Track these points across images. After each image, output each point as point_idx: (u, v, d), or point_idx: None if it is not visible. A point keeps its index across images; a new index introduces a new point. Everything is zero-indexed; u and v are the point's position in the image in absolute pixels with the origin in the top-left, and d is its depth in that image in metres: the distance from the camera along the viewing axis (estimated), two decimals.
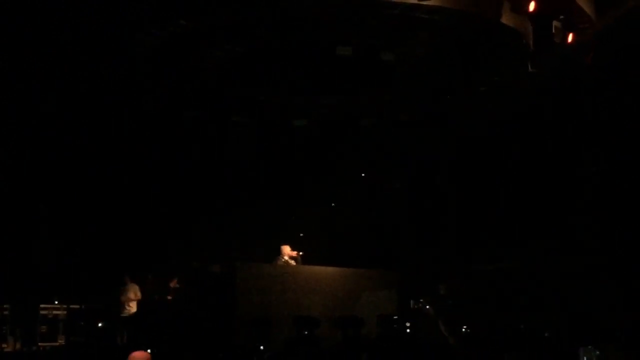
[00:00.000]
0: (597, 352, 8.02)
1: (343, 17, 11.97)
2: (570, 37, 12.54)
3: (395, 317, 13.70)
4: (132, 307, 15.61)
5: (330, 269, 14.51)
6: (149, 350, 12.22)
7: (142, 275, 16.08)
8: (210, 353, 11.77)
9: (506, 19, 12.00)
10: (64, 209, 16.71)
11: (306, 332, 12.10)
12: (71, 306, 16.09)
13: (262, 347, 12.06)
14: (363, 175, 19.01)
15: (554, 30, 12.20)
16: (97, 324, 15.76)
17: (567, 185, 15.74)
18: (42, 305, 15.92)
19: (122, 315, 15.62)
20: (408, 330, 13.63)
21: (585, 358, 8.10)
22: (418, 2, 11.11)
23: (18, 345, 15.26)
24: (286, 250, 14.37)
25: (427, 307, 15.66)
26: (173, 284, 15.71)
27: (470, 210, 17.26)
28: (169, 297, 15.28)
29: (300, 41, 12.96)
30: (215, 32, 12.40)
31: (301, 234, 17.69)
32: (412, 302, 15.84)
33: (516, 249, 16.00)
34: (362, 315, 13.17)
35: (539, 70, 13.22)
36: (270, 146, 17.10)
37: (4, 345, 14.95)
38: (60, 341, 15.81)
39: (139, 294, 15.70)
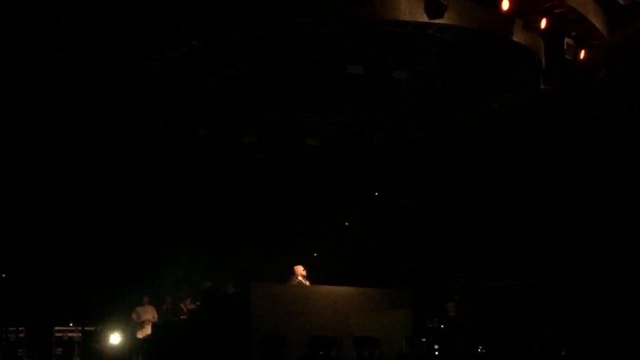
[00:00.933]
0: None
1: (354, 35, 12.02)
2: (582, 54, 12.55)
3: (424, 340, 13.63)
4: (148, 329, 15.61)
5: (344, 289, 14.44)
6: None
7: (158, 298, 16.09)
8: None
9: (518, 36, 12.02)
10: (78, 230, 16.77)
11: (321, 352, 12.02)
12: (86, 328, 16.11)
13: None
14: (376, 194, 19.01)
15: (565, 47, 12.21)
16: (112, 346, 15.74)
17: (577, 202, 15.70)
18: (57, 328, 15.95)
19: (138, 336, 15.61)
20: (437, 353, 13.55)
21: None
22: (429, 21, 11.16)
23: None
24: (299, 270, 14.34)
25: (442, 326, 15.57)
26: (186, 305, 15.70)
27: (482, 228, 17.21)
28: (183, 318, 15.27)
29: (310, 59, 13.02)
30: (225, 51, 12.47)
31: (315, 254, 17.69)
32: (427, 321, 15.76)
33: (528, 266, 15.95)
34: (377, 335, 13.09)
35: (551, 87, 13.23)
36: (283, 165, 17.14)
37: None
38: None
39: (156, 316, 15.71)
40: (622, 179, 14.97)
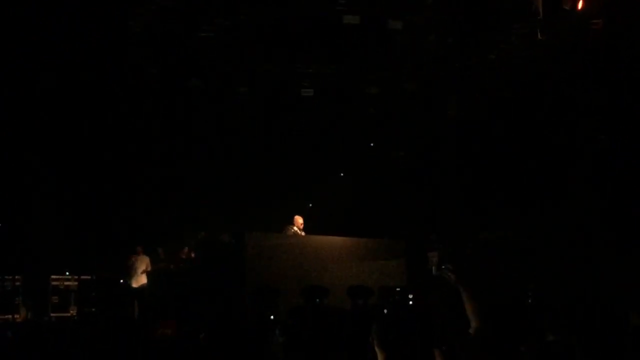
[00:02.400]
0: None
1: None
2: (580, 4, 12.40)
3: (398, 289, 13.65)
4: (143, 279, 15.73)
5: (338, 239, 14.53)
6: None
7: (152, 247, 16.17)
8: (219, 322, 11.83)
9: None
10: (75, 179, 16.74)
11: (317, 301, 12.12)
12: (82, 277, 16.21)
13: (271, 317, 12.12)
14: (372, 145, 18.96)
15: None
16: (109, 295, 15.86)
17: (571, 152, 15.67)
18: (53, 276, 16.03)
19: (132, 285, 15.73)
20: (411, 302, 13.58)
21: None
22: None
23: (30, 316, 15.41)
24: (299, 221, 14.40)
25: (450, 274, 15.53)
26: (183, 253, 15.80)
27: (476, 179, 17.19)
28: (181, 265, 15.40)
29: (306, 10, 12.88)
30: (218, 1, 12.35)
31: (310, 204, 17.72)
32: (434, 268, 15.77)
33: (521, 216, 15.96)
34: (371, 285, 13.20)
35: (548, 38, 13.11)
36: (278, 116, 17.07)
37: (16, 316, 15.09)
38: (72, 312, 15.95)
39: (150, 266, 15.81)
40: (618, 132, 14.91)
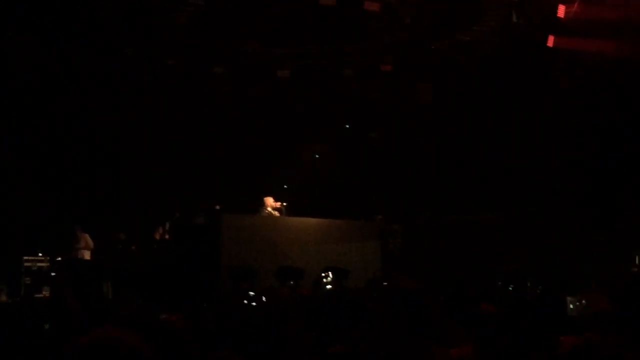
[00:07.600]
0: (584, 301, 7.99)
1: None
2: None
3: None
4: (85, 257, 15.75)
5: (313, 220, 14.58)
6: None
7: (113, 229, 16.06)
8: (194, 304, 11.82)
9: None
10: (46, 160, 16.57)
11: (291, 283, 12.15)
12: (55, 258, 16.10)
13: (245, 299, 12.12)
14: (347, 126, 18.97)
15: None
16: (81, 276, 15.77)
17: (543, 135, 15.80)
18: (25, 258, 15.90)
19: None
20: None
21: (571, 307, 8.09)
22: None
23: (3, 297, 15.28)
24: (269, 202, 14.41)
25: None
26: (158, 234, 15.74)
27: (451, 161, 17.27)
28: (154, 246, 15.34)
29: None
30: None
31: (285, 186, 17.70)
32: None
33: (495, 200, 16.08)
34: (346, 266, 13.25)
35: (523, 20, 13.16)
36: (253, 97, 17.01)
37: None
38: (44, 293, 15.84)
39: (90, 243, 15.76)
40: (590, 111, 15.03)
